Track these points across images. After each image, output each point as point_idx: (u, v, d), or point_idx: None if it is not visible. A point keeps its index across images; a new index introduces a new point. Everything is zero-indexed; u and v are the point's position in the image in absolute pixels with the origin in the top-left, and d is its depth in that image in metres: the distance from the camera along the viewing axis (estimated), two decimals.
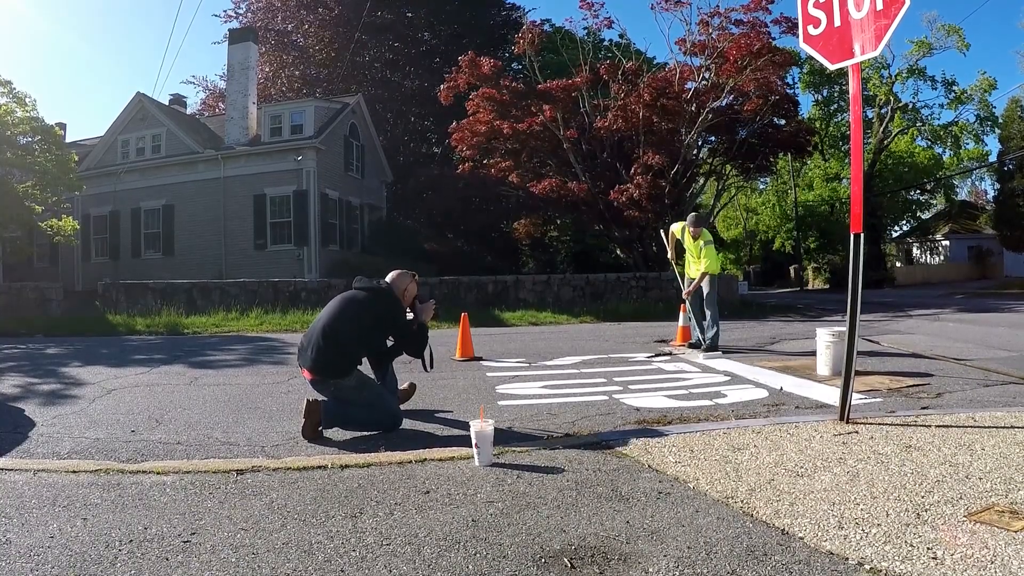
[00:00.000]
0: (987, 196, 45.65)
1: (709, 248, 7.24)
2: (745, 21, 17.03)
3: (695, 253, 7.36)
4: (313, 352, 3.66)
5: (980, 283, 31.03)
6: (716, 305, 7.34)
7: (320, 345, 3.64)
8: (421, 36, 29.79)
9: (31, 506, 2.40)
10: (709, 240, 7.32)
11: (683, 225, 7.57)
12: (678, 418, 3.91)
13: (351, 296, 3.85)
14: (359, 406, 3.71)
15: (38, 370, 6.71)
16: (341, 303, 3.84)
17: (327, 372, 3.68)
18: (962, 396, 4.42)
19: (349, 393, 3.70)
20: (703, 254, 7.21)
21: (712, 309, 7.27)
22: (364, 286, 3.87)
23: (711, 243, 7.33)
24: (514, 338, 9.86)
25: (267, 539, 2.06)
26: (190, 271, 18.56)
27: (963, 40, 31.65)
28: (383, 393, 3.89)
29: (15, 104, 16.27)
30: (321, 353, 3.64)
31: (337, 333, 3.68)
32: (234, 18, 29.19)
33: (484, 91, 17.54)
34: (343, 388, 3.70)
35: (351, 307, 3.78)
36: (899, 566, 1.75)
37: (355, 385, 3.73)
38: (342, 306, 3.81)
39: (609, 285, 16.06)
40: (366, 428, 3.71)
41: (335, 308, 3.82)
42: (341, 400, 3.70)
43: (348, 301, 3.83)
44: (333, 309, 3.83)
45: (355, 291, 3.87)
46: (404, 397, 4.45)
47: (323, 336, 3.67)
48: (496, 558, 1.88)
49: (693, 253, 7.41)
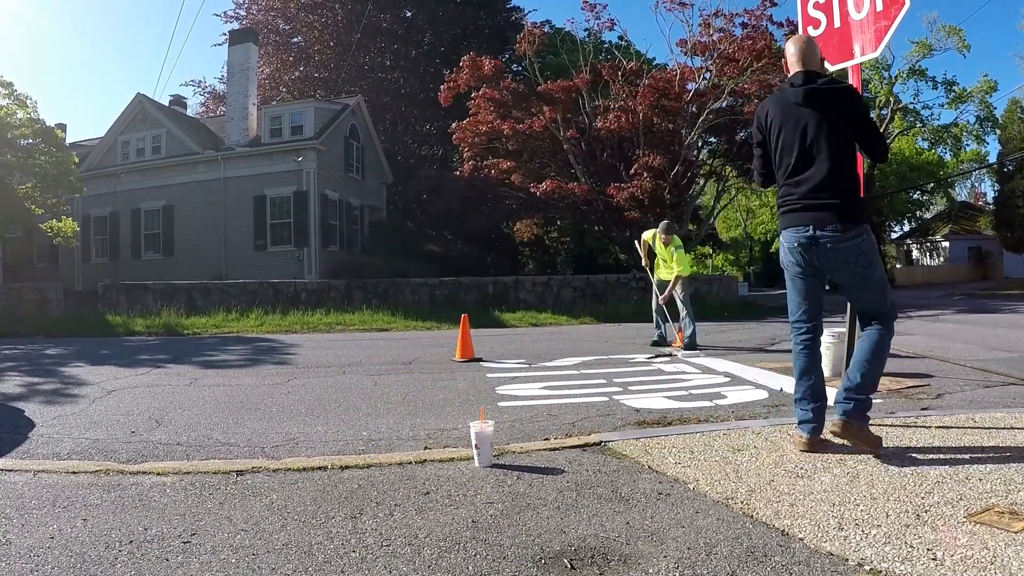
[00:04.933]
0: (987, 197, 45.72)
1: (679, 253, 7.86)
2: (747, 23, 17.07)
3: (667, 257, 7.97)
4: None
5: (980, 284, 31.06)
6: (691, 304, 7.90)
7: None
8: (422, 38, 29.82)
9: (31, 507, 2.40)
10: (679, 245, 7.95)
11: (654, 232, 8.18)
12: (678, 419, 3.91)
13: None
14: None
15: (38, 371, 6.71)
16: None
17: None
18: (962, 397, 4.42)
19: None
20: (674, 259, 7.82)
21: (687, 308, 7.80)
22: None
23: (681, 248, 7.96)
24: (514, 339, 9.86)
25: (267, 540, 2.06)
26: (190, 272, 18.57)
27: (963, 41, 31.66)
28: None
29: (16, 106, 16.29)
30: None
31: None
32: (234, 19, 29.23)
33: (485, 92, 17.55)
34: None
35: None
36: (899, 567, 1.75)
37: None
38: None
39: (609, 286, 16.06)
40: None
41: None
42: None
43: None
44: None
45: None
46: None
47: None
48: (496, 559, 1.88)
49: (664, 258, 8.02)
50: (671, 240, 7.89)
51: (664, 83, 17.55)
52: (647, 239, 8.29)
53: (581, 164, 18.36)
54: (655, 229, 8.17)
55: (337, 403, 4.71)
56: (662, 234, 7.91)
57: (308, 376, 6.14)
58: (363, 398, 4.90)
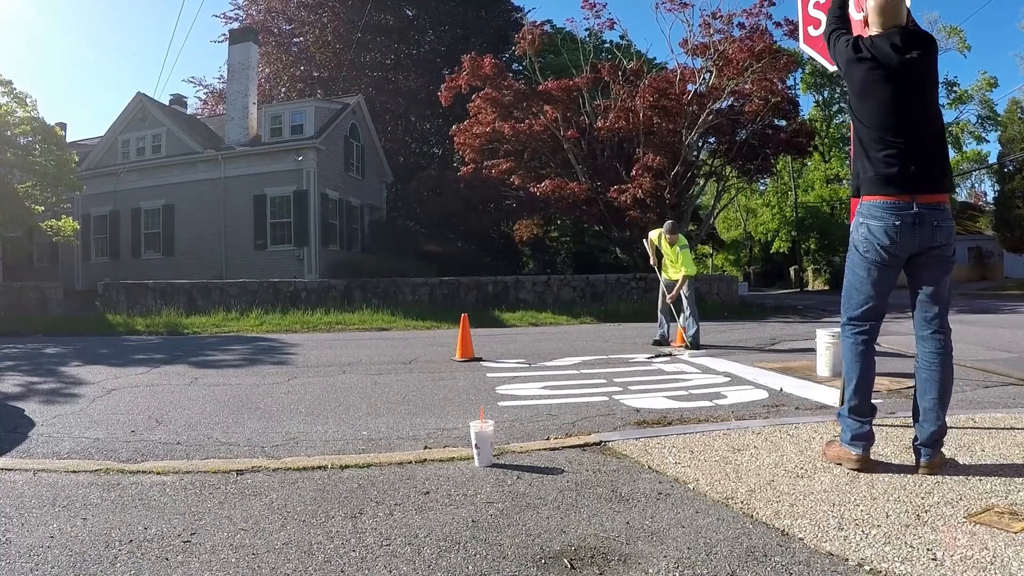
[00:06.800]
0: (987, 197, 45.70)
1: (685, 252, 7.91)
2: (744, 24, 17.05)
3: (673, 258, 8.01)
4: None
5: (980, 284, 31.04)
6: (695, 304, 7.89)
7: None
8: (422, 37, 29.82)
9: (31, 506, 2.40)
10: (685, 245, 8.01)
11: (660, 232, 8.18)
12: (678, 419, 3.91)
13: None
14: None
15: (38, 370, 6.71)
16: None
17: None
18: (962, 397, 4.42)
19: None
20: (680, 259, 7.88)
21: (691, 308, 7.79)
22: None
23: (687, 247, 8.02)
24: (514, 339, 9.86)
25: (267, 539, 2.06)
26: (190, 271, 18.58)
27: (964, 42, 31.74)
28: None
29: (15, 104, 16.29)
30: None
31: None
32: (234, 19, 29.23)
33: (486, 93, 17.53)
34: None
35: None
36: (899, 567, 1.75)
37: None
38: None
39: (609, 286, 16.06)
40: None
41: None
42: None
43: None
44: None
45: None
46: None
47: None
48: (496, 559, 1.88)
49: (671, 257, 8.06)
50: (676, 240, 7.93)
51: (664, 83, 17.52)
52: (653, 239, 8.32)
53: (581, 164, 18.35)
54: (660, 229, 8.20)
55: (337, 403, 4.71)
56: (667, 234, 7.95)
57: (308, 376, 6.14)
58: (363, 398, 4.90)
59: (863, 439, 2.56)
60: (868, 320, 2.61)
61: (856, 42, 2.65)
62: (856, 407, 2.58)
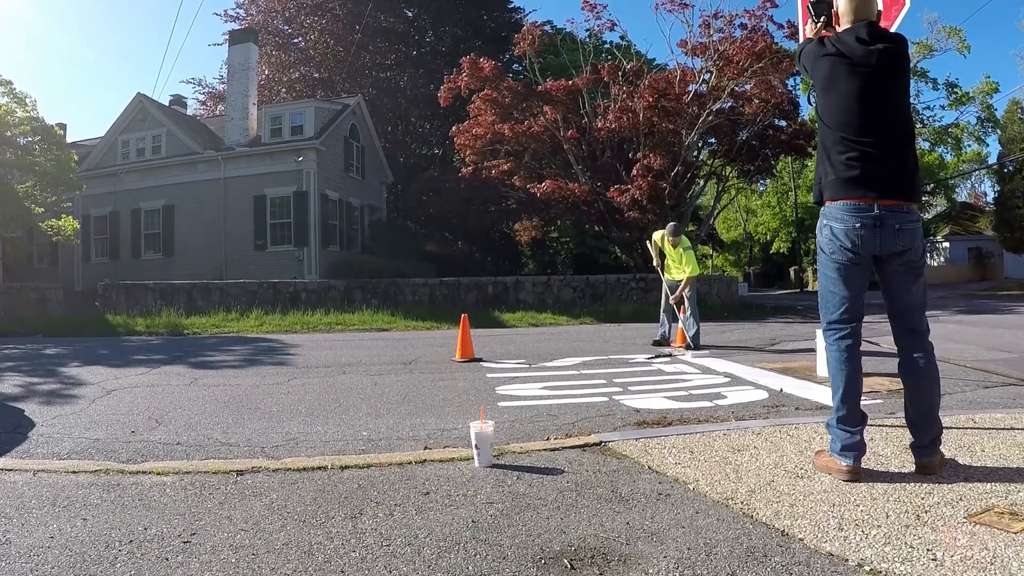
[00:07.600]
0: (987, 198, 45.70)
1: (689, 254, 7.97)
2: (746, 24, 17.06)
3: (676, 259, 8.08)
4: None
5: (980, 284, 31.05)
6: (696, 304, 7.96)
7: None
8: (422, 38, 29.81)
9: (31, 506, 2.40)
10: (688, 246, 8.05)
11: (663, 234, 8.22)
12: (678, 419, 3.91)
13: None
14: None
15: (38, 370, 6.71)
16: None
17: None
18: (962, 398, 4.43)
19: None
20: (684, 260, 7.93)
21: (692, 308, 7.85)
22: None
23: (690, 249, 8.08)
24: (514, 339, 9.86)
25: (267, 540, 2.06)
26: (190, 272, 18.57)
27: (964, 42, 31.76)
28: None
29: (15, 104, 16.30)
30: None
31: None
32: (234, 19, 29.22)
33: (486, 94, 17.53)
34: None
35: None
36: (899, 567, 1.75)
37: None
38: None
39: (609, 286, 16.06)
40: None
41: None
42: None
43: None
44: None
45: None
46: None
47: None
48: (496, 559, 1.88)
49: (674, 259, 8.12)
50: (679, 241, 7.99)
51: (664, 84, 17.53)
52: (656, 240, 8.36)
53: (581, 164, 18.35)
54: (663, 231, 8.24)
55: (337, 403, 4.71)
56: (670, 236, 7.99)
57: (308, 376, 6.14)
58: (363, 398, 4.90)
59: (853, 449, 2.46)
60: (848, 323, 2.54)
61: (821, 39, 2.61)
62: (844, 416, 2.49)
